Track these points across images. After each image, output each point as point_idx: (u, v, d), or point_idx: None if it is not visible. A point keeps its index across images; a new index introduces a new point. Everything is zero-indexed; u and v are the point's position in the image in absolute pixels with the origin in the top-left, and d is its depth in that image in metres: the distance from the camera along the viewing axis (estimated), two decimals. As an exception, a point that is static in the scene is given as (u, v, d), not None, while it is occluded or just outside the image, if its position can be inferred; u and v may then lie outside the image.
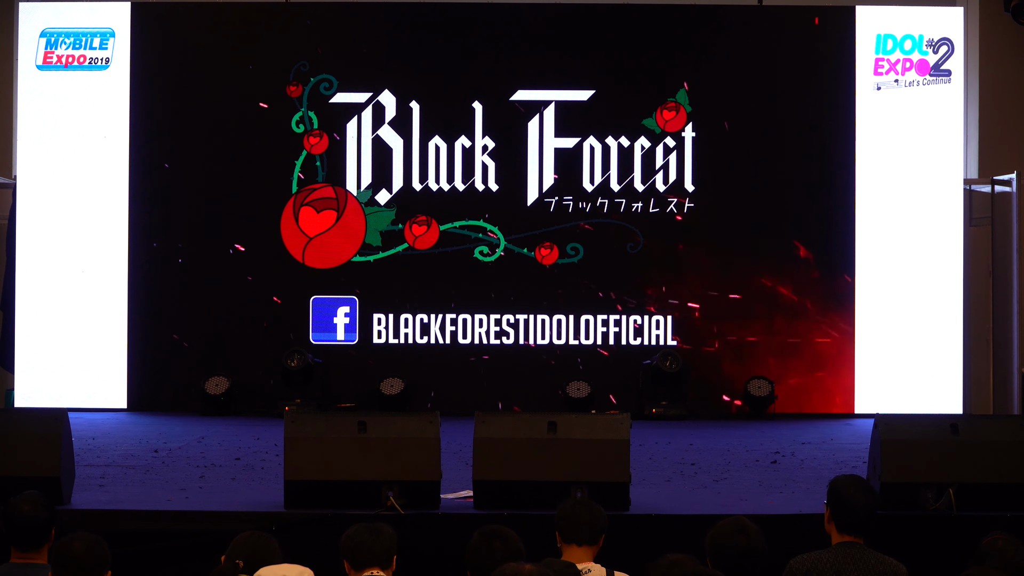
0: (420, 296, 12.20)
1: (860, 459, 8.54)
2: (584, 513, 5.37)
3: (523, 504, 6.97)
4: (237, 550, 4.98)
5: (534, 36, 12.26)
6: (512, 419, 7.27)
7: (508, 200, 12.24)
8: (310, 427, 7.24)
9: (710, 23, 12.08)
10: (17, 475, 6.92)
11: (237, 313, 12.00)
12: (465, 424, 7.78)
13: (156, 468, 8.65)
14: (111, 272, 11.91)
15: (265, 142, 12.15)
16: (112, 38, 11.88)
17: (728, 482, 8.28)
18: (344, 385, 11.85)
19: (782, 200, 12.00)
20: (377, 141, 12.25)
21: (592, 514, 5.38)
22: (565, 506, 5.44)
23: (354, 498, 6.94)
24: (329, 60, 12.19)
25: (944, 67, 11.84)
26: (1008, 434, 7.21)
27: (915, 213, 11.90)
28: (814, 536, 5.76)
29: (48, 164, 11.89)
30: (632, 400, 11.72)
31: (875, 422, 7.26)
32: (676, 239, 12.14)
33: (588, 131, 12.21)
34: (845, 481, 5.21)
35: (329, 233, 12.25)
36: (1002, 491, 7.05)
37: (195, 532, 6.89)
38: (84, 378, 11.85)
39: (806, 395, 11.92)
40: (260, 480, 8.15)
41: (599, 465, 7.09)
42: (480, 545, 4.77)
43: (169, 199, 12.02)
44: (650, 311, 12.07)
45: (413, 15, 12.29)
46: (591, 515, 5.37)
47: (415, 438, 7.09)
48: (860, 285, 11.90)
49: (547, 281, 12.21)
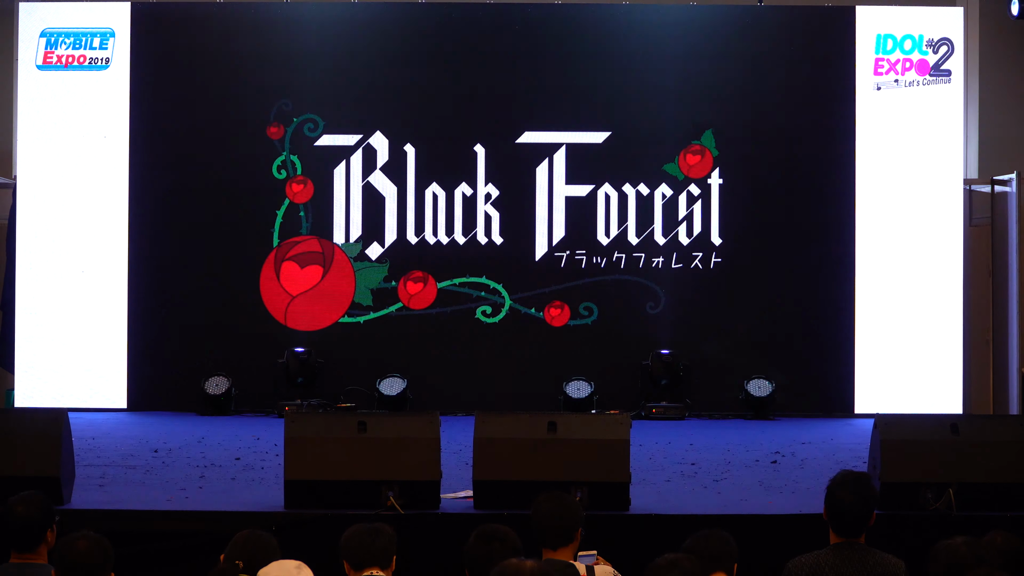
0: (415, 360, 11.64)
1: (860, 459, 8.54)
2: (548, 518, 5.20)
3: (523, 504, 6.95)
4: (237, 550, 4.98)
5: (542, 72, 11.77)
6: (512, 419, 7.27)
7: (514, 255, 11.74)
8: (310, 427, 7.24)
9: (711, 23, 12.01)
10: (17, 475, 6.92)
11: (237, 313, 11.95)
12: (465, 424, 7.78)
13: (156, 468, 8.65)
14: (111, 272, 11.90)
15: (246, 187, 11.72)
16: (112, 38, 11.88)
17: (728, 482, 8.28)
18: (344, 385, 11.80)
19: (782, 199, 11.97)
20: (368, 188, 11.77)
21: (560, 516, 5.20)
22: (533, 510, 5.27)
23: (354, 498, 6.94)
24: (314, 98, 11.66)
25: (944, 67, 11.84)
26: (1008, 434, 7.21)
27: (915, 213, 11.89)
28: (814, 536, 5.76)
29: (48, 164, 11.88)
30: (632, 400, 11.70)
31: (875, 422, 7.26)
32: (701, 297, 11.74)
33: (603, 177, 11.82)
34: (841, 482, 5.19)
35: (314, 291, 11.74)
36: (1002, 491, 7.05)
37: (195, 532, 6.89)
38: (84, 378, 11.85)
39: (806, 395, 11.90)
40: (260, 480, 8.15)
41: (599, 465, 7.09)
42: (479, 545, 4.76)
43: (169, 199, 11.99)
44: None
45: (407, 48, 11.80)
46: (558, 518, 5.20)
47: (415, 438, 7.09)
48: (860, 285, 11.89)
49: (557, 344, 11.76)
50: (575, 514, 5.27)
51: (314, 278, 11.79)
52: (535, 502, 5.33)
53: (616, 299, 11.83)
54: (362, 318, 11.84)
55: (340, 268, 11.76)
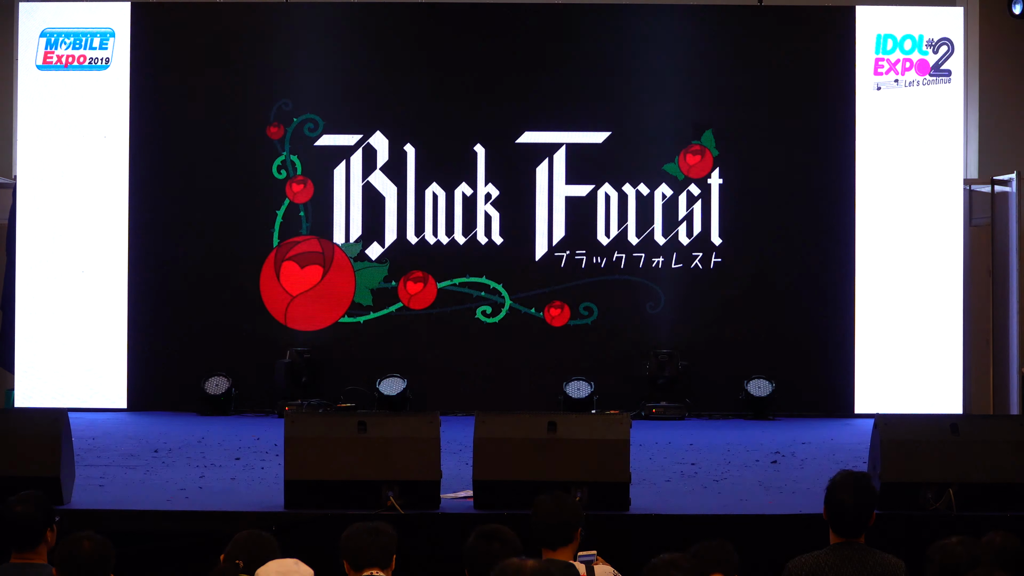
0: (415, 360, 11.61)
1: (860, 459, 8.54)
2: (548, 518, 5.21)
3: (523, 504, 6.95)
4: (237, 550, 4.98)
5: (542, 72, 11.75)
6: (512, 419, 7.26)
7: (514, 255, 11.70)
8: (310, 427, 7.24)
9: (711, 23, 12.01)
10: (17, 475, 6.92)
11: (237, 313, 11.94)
12: (465, 424, 7.77)
13: (156, 468, 8.65)
14: (111, 272, 11.90)
15: (247, 186, 11.72)
16: (112, 38, 11.87)
17: (728, 482, 8.28)
18: (344, 385, 11.80)
19: (782, 199, 11.96)
20: (368, 188, 11.75)
21: (560, 516, 5.21)
22: (533, 510, 5.28)
23: (354, 498, 6.94)
24: (314, 98, 11.65)
25: (944, 67, 11.84)
26: (1008, 434, 7.21)
27: (915, 213, 11.88)
28: (814, 536, 5.76)
29: (48, 164, 11.88)
30: (632, 400, 11.69)
31: (875, 422, 7.27)
32: (701, 297, 11.73)
33: (603, 177, 11.79)
34: (841, 482, 5.19)
35: (314, 291, 11.70)
36: (1002, 491, 7.05)
37: (195, 532, 6.89)
38: (84, 378, 11.84)
39: (806, 395, 11.89)
40: (260, 480, 8.15)
41: (599, 465, 7.09)
42: (478, 545, 4.76)
43: (169, 199, 11.98)
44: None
45: (407, 49, 11.77)
46: (558, 518, 5.20)
47: (415, 438, 7.09)
48: (860, 285, 11.88)
49: (557, 344, 11.74)
50: (575, 514, 5.27)
51: (314, 278, 11.78)
52: (535, 502, 5.33)
53: (616, 299, 11.82)
54: (362, 318, 11.83)
55: (340, 268, 11.75)
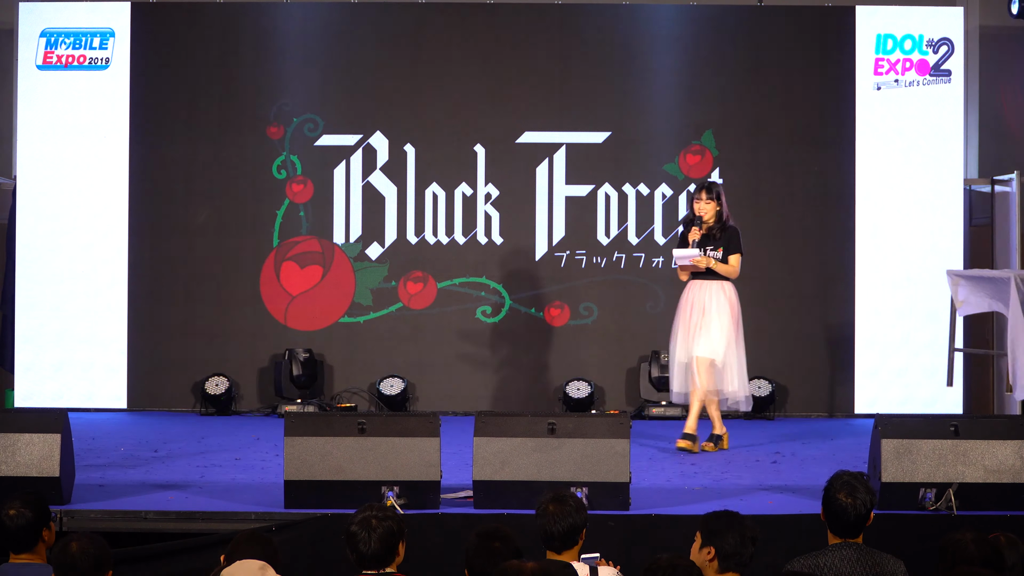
0: (415, 360, 11.61)
1: (860, 459, 8.55)
2: (553, 521, 5.20)
3: (523, 504, 6.97)
4: (237, 550, 4.98)
5: (542, 72, 11.74)
6: (512, 419, 7.27)
7: (514, 255, 11.69)
8: (310, 427, 7.24)
9: (711, 23, 12.01)
10: (17, 475, 6.93)
11: (237, 313, 11.94)
12: (465, 424, 7.78)
13: (156, 468, 8.65)
14: (111, 272, 11.90)
15: (247, 185, 11.73)
16: (112, 38, 11.87)
17: (728, 482, 8.28)
18: (344, 385, 11.81)
19: (782, 199, 11.96)
20: (368, 188, 11.73)
21: (565, 519, 5.20)
22: (537, 512, 5.28)
23: (354, 498, 6.94)
24: (314, 98, 11.64)
25: (944, 67, 11.84)
26: (1008, 434, 7.21)
27: (915, 213, 11.89)
28: (814, 536, 5.76)
29: (48, 164, 11.88)
30: (632, 400, 11.70)
31: (875, 422, 7.27)
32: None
33: (603, 178, 11.75)
34: (838, 483, 5.19)
35: (314, 291, 11.68)
36: (1002, 491, 7.05)
37: (195, 532, 6.90)
38: (84, 378, 11.84)
39: (806, 395, 11.89)
40: (260, 480, 8.15)
41: (599, 465, 7.09)
42: (479, 546, 4.77)
43: (169, 199, 11.98)
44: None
45: (407, 48, 11.77)
46: (563, 521, 5.20)
47: (415, 438, 7.09)
48: (860, 285, 11.88)
49: (557, 344, 11.71)
50: (580, 517, 5.29)
51: (314, 278, 11.78)
52: (539, 504, 5.33)
53: (616, 299, 11.81)
54: (362, 318, 11.83)
55: (340, 268, 11.75)
